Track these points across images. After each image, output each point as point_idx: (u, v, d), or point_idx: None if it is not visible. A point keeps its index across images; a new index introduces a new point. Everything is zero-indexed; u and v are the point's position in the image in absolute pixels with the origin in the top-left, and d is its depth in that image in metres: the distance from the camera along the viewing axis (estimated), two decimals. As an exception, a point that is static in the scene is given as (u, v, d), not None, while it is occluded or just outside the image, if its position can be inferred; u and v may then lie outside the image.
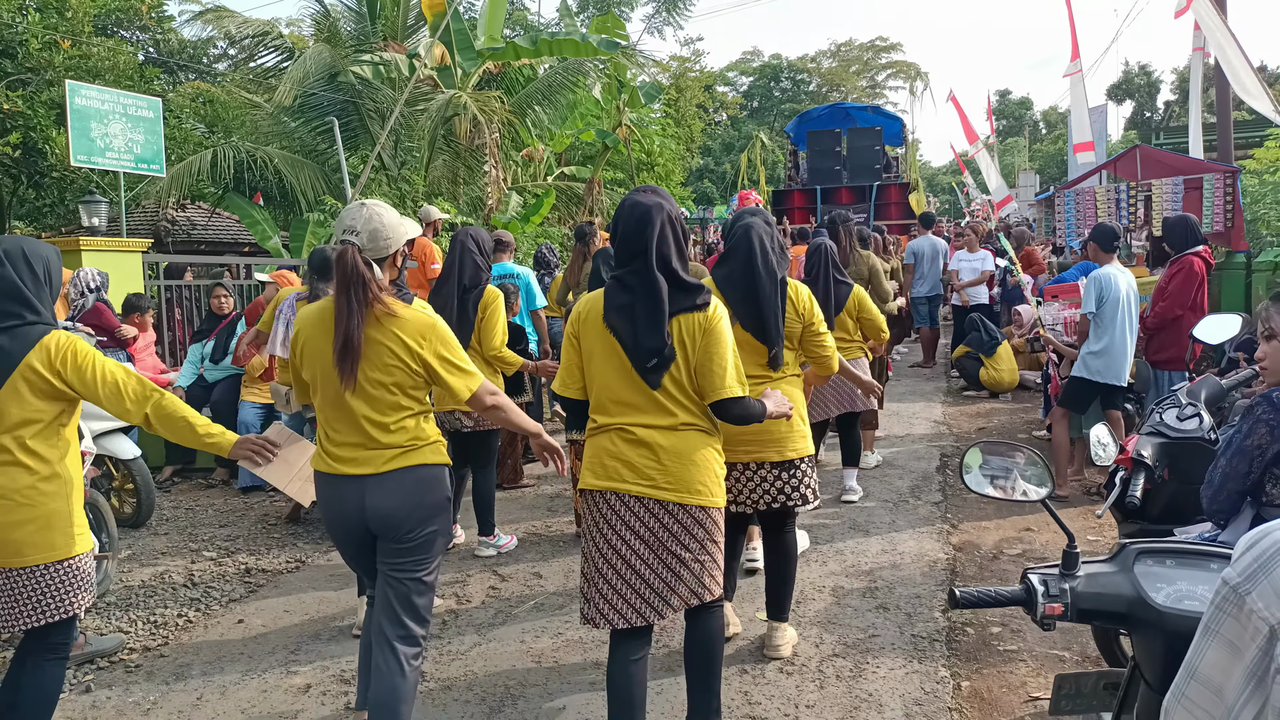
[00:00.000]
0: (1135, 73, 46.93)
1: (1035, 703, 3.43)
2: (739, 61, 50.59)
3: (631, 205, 2.90)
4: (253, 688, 3.78)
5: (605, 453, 2.84)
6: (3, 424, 2.84)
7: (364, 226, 2.81)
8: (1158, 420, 3.23)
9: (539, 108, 14.11)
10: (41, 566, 2.88)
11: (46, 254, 3.00)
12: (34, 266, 2.94)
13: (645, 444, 2.80)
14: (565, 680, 3.72)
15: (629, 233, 2.86)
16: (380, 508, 2.81)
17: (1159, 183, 9.79)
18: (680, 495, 2.80)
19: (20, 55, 12.60)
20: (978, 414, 8.90)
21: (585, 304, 2.95)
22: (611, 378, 2.84)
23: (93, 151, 8.70)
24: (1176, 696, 0.97)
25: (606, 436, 2.86)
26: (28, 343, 2.86)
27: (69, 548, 2.93)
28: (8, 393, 2.83)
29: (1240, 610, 0.88)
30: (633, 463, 2.80)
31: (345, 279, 2.74)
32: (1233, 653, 0.89)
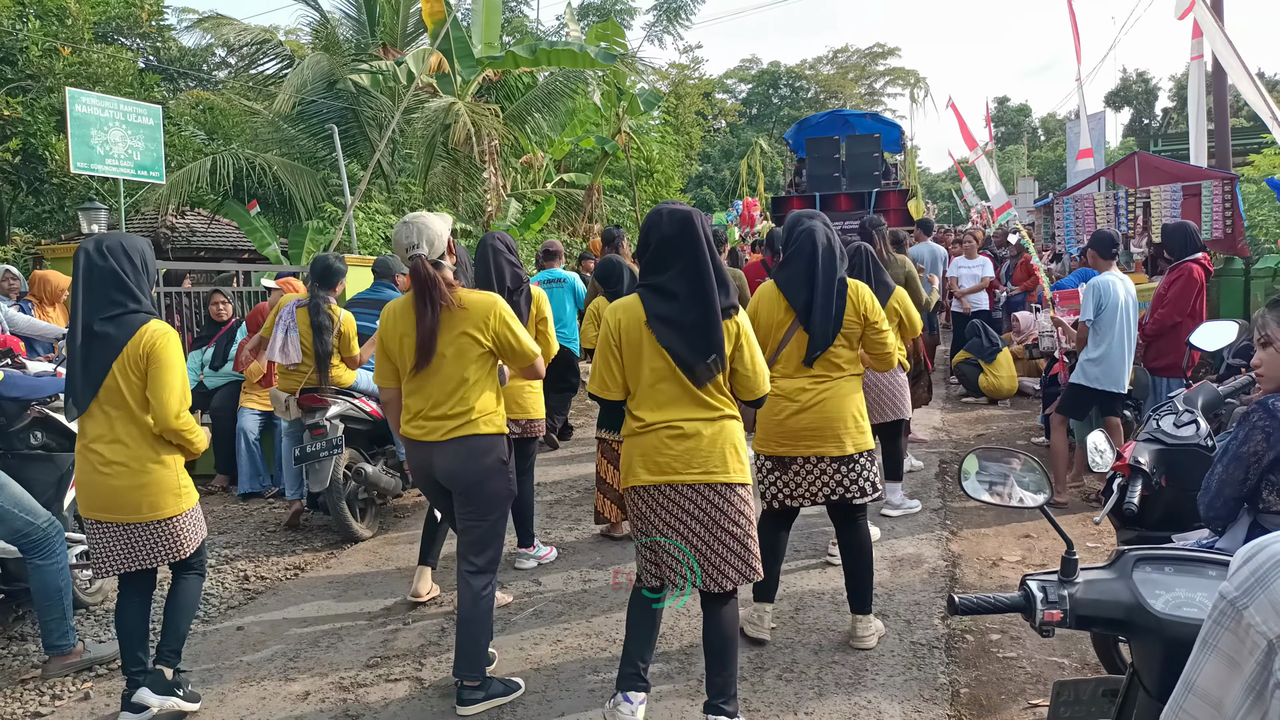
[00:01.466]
0: (1133, 80, 47.06)
1: (1034, 710, 3.43)
2: (738, 69, 50.72)
3: (670, 212, 3.15)
4: (251, 695, 3.77)
5: (656, 450, 3.09)
6: (115, 402, 3.28)
7: (420, 238, 3.44)
8: (1155, 427, 3.24)
9: (538, 115, 14.14)
10: (156, 522, 3.37)
11: (142, 245, 3.41)
12: (133, 258, 3.33)
13: (692, 436, 3.07)
14: (564, 688, 3.71)
15: (671, 238, 3.09)
16: (445, 469, 3.49)
17: (1158, 189, 9.81)
18: (727, 476, 3.09)
19: (20, 62, 12.64)
20: (976, 420, 8.90)
21: (622, 311, 3.16)
22: (656, 379, 3.10)
23: (92, 158, 8.71)
24: (1174, 710, 0.97)
25: (655, 435, 3.09)
26: (130, 330, 3.27)
27: (177, 506, 3.41)
28: (115, 374, 3.25)
29: (1238, 624, 0.88)
30: (682, 455, 3.07)
31: (422, 287, 3.40)
32: (1231, 667, 0.89)
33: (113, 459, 3.29)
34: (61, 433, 4.45)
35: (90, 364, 3.26)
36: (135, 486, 3.30)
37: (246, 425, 6.97)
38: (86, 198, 12.25)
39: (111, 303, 3.27)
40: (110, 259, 3.28)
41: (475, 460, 3.48)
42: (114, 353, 3.24)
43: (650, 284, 3.12)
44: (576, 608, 4.56)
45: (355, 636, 4.32)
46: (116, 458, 3.29)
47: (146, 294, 3.37)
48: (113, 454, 3.29)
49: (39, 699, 3.79)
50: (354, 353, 5.77)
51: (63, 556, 3.94)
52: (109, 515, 3.34)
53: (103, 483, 3.30)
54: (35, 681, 3.94)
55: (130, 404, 3.29)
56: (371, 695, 3.71)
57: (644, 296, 3.11)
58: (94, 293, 3.27)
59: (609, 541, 5.57)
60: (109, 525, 3.35)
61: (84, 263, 3.28)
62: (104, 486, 3.30)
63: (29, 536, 3.85)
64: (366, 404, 5.87)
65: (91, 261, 3.28)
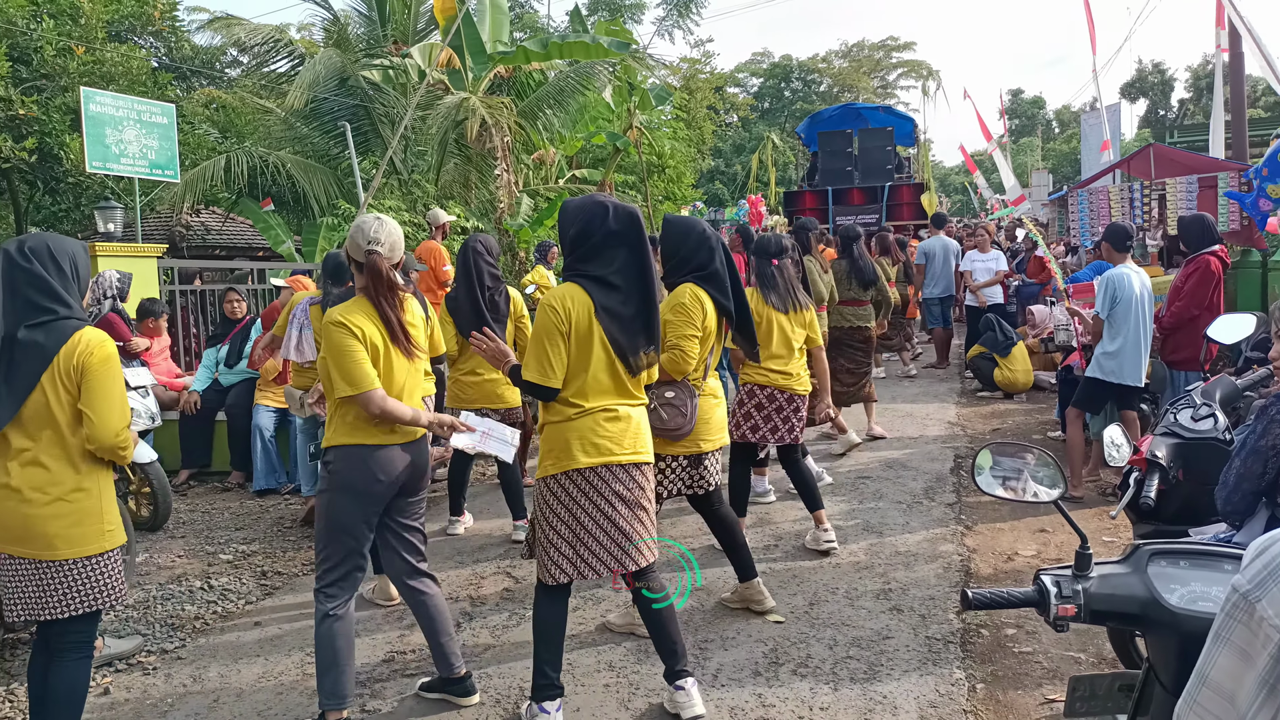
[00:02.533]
0: (1149, 71, 46.69)
1: (1051, 705, 3.42)
2: (749, 63, 50.59)
3: (617, 207, 3.27)
4: (269, 689, 3.80)
5: (592, 432, 3.18)
6: (40, 418, 2.89)
7: (384, 236, 3.29)
8: (1172, 421, 3.22)
9: (549, 111, 14.13)
10: (70, 561, 2.93)
11: (72, 249, 3.06)
12: (59, 261, 3.00)
13: (623, 419, 3.23)
14: (580, 683, 3.72)
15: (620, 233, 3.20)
16: (420, 467, 3.40)
17: (1173, 182, 9.74)
18: (648, 456, 3.32)
19: (35, 61, 12.71)
20: (992, 415, 8.87)
21: (571, 300, 3.16)
22: (598, 369, 3.19)
23: (107, 157, 8.77)
24: (1189, 703, 0.96)
25: (591, 418, 3.19)
26: (61, 338, 2.91)
27: (99, 543, 2.99)
28: (44, 387, 2.88)
29: (1251, 617, 0.88)
30: (615, 435, 3.20)
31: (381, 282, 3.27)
32: (1244, 660, 0.89)
33: (28, 483, 2.87)
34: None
35: (14, 376, 2.87)
36: (53, 516, 2.89)
37: (262, 422, 7.01)
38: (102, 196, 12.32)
39: (37, 309, 2.92)
40: (35, 262, 2.94)
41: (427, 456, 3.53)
42: (43, 364, 2.88)
43: (593, 275, 3.20)
44: (590, 602, 4.55)
45: (372, 632, 4.34)
46: (33, 481, 2.88)
47: (77, 300, 3.02)
48: (29, 478, 2.88)
49: None
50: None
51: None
52: (18, 548, 2.90)
53: (13, 509, 2.87)
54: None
55: (59, 421, 2.90)
56: (388, 690, 3.73)
57: (589, 288, 3.18)
58: (17, 297, 2.93)
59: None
60: (20, 561, 2.91)
61: (3, 265, 2.95)
62: (15, 514, 2.87)
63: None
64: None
65: (13, 263, 2.94)
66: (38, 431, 2.89)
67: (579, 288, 3.18)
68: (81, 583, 2.96)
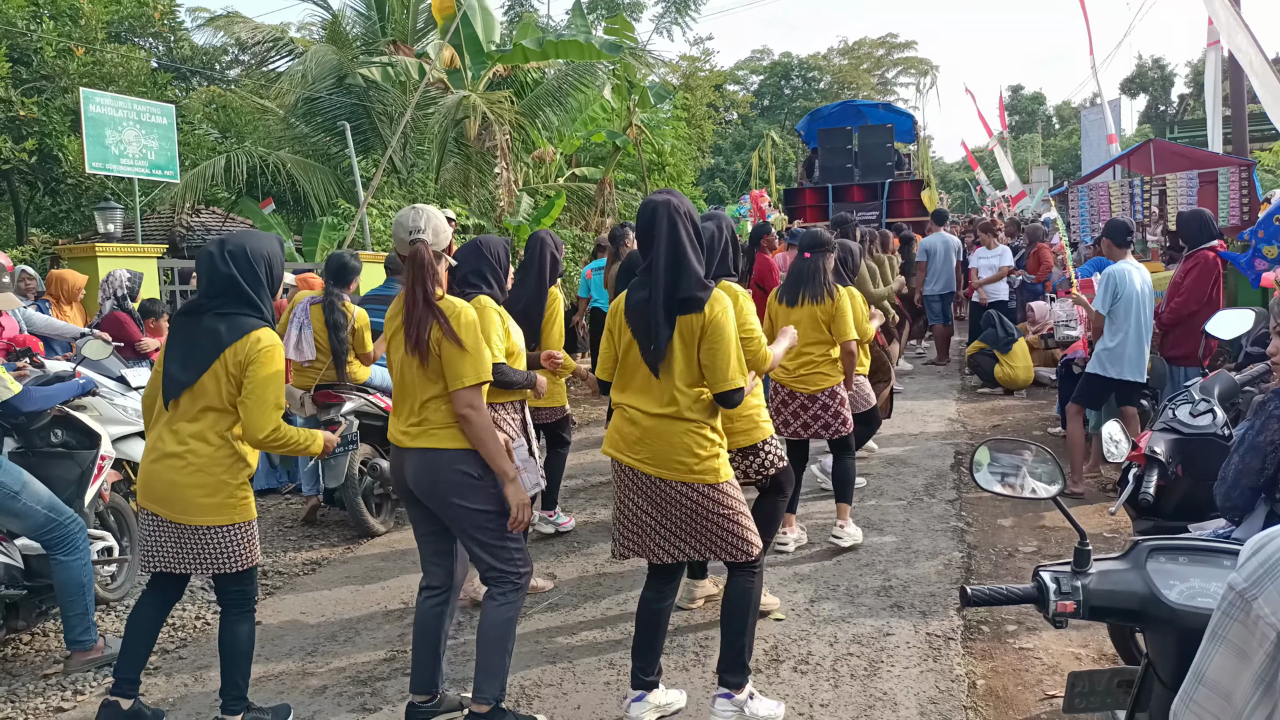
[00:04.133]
0: (1149, 66, 46.62)
1: (1051, 701, 3.42)
2: (748, 60, 50.53)
3: (645, 202, 3.26)
4: (269, 689, 3.81)
5: (615, 425, 3.29)
6: (201, 399, 3.17)
7: (426, 224, 3.19)
8: (1171, 416, 3.22)
9: (549, 110, 14.13)
10: (205, 528, 3.21)
11: (269, 251, 3.30)
12: (256, 266, 3.23)
13: (639, 425, 3.18)
14: (580, 679, 3.73)
15: (644, 228, 3.21)
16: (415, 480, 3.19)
17: (1173, 177, 9.72)
18: (658, 471, 3.17)
19: (35, 62, 12.72)
20: (992, 411, 8.87)
21: (620, 298, 3.31)
22: (634, 364, 3.21)
23: (107, 158, 8.77)
24: (1185, 702, 0.96)
25: (619, 411, 3.27)
26: (238, 333, 3.16)
27: (230, 516, 3.23)
28: (211, 373, 3.15)
29: (1247, 616, 0.88)
30: (630, 440, 3.21)
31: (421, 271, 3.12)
32: (1240, 658, 0.89)
33: (175, 450, 3.17)
34: (82, 431, 4.48)
35: (191, 357, 3.17)
36: (193, 485, 3.17)
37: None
38: (102, 197, 12.32)
39: (224, 303, 3.20)
40: (230, 264, 3.20)
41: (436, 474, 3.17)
42: (217, 350, 3.14)
43: (641, 270, 3.27)
44: (591, 600, 4.57)
45: (372, 630, 4.35)
46: (179, 449, 3.17)
47: (267, 303, 3.28)
48: (177, 446, 3.18)
49: (61, 694, 3.83)
50: (368, 349, 5.80)
51: (85, 553, 3.95)
52: (160, 509, 3.23)
53: (160, 474, 3.20)
54: (58, 676, 3.98)
55: (218, 404, 3.18)
56: (389, 689, 3.74)
57: (630, 286, 3.28)
58: (211, 291, 3.22)
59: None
60: (159, 520, 3.25)
61: (205, 265, 3.25)
62: (160, 478, 3.20)
63: (52, 533, 3.86)
64: (381, 400, 5.90)
65: (214, 265, 3.21)
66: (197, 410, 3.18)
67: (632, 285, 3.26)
68: (211, 547, 3.23)
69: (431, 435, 3.13)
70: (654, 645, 3.33)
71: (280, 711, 3.50)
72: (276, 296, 3.38)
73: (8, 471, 3.81)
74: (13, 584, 3.94)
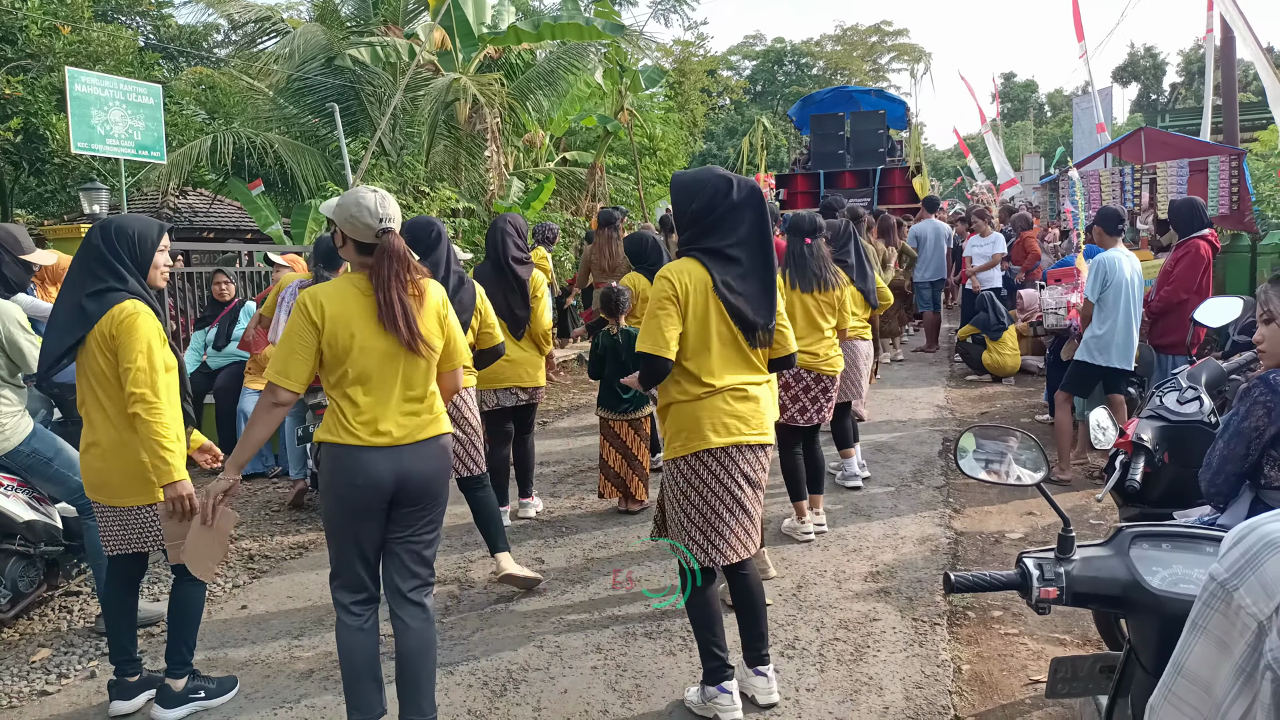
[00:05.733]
0: (1141, 55, 46.65)
1: (1035, 686, 3.44)
2: (741, 45, 50.36)
3: (740, 180, 3.18)
4: (256, 673, 3.80)
5: (723, 412, 3.13)
6: (89, 378, 3.25)
7: (396, 211, 2.94)
8: (1158, 404, 3.23)
9: (539, 93, 14.04)
10: (139, 508, 3.33)
11: (134, 230, 3.34)
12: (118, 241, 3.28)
13: (753, 398, 3.18)
14: (567, 665, 3.73)
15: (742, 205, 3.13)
16: (420, 474, 2.94)
17: (1164, 165, 9.74)
18: (772, 437, 3.28)
19: (20, 41, 12.58)
20: (980, 398, 8.89)
21: (687, 275, 3.11)
22: (720, 345, 3.14)
23: (93, 138, 8.68)
24: (1164, 693, 0.95)
25: (721, 397, 3.13)
26: (106, 306, 3.21)
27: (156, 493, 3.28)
28: (88, 350, 3.22)
29: (1228, 606, 0.87)
30: (744, 415, 3.16)
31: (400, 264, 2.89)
32: (1221, 649, 0.88)
33: (90, 440, 3.32)
34: None
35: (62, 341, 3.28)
36: (113, 471, 3.30)
37: (248, 406, 6.98)
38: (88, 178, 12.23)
39: (94, 279, 3.26)
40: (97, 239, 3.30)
41: (447, 461, 3.06)
42: (87, 327, 3.23)
43: (711, 249, 3.13)
44: (579, 585, 4.57)
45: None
46: (93, 438, 3.31)
47: (135, 276, 3.32)
48: (91, 435, 3.32)
49: (45, 677, 3.82)
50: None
51: None
52: (97, 497, 3.38)
53: (87, 464, 3.35)
54: (43, 661, 3.97)
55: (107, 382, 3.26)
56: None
57: (706, 262, 3.12)
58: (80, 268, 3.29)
59: (612, 519, 5.58)
60: (101, 506, 3.40)
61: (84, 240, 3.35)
62: (89, 469, 3.35)
63: (83, 498, 4.05)
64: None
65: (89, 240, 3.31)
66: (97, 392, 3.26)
67: (696, 262, 3.14)
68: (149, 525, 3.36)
69: (436, 424, 2.99)
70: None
71: (226, 683, 3.61)
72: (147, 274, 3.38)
73: (42, 439, 4.08)
74: (53, 542, 4.30)
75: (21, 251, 4.16)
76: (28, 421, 4.08)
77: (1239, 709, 0.86)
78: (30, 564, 4.28)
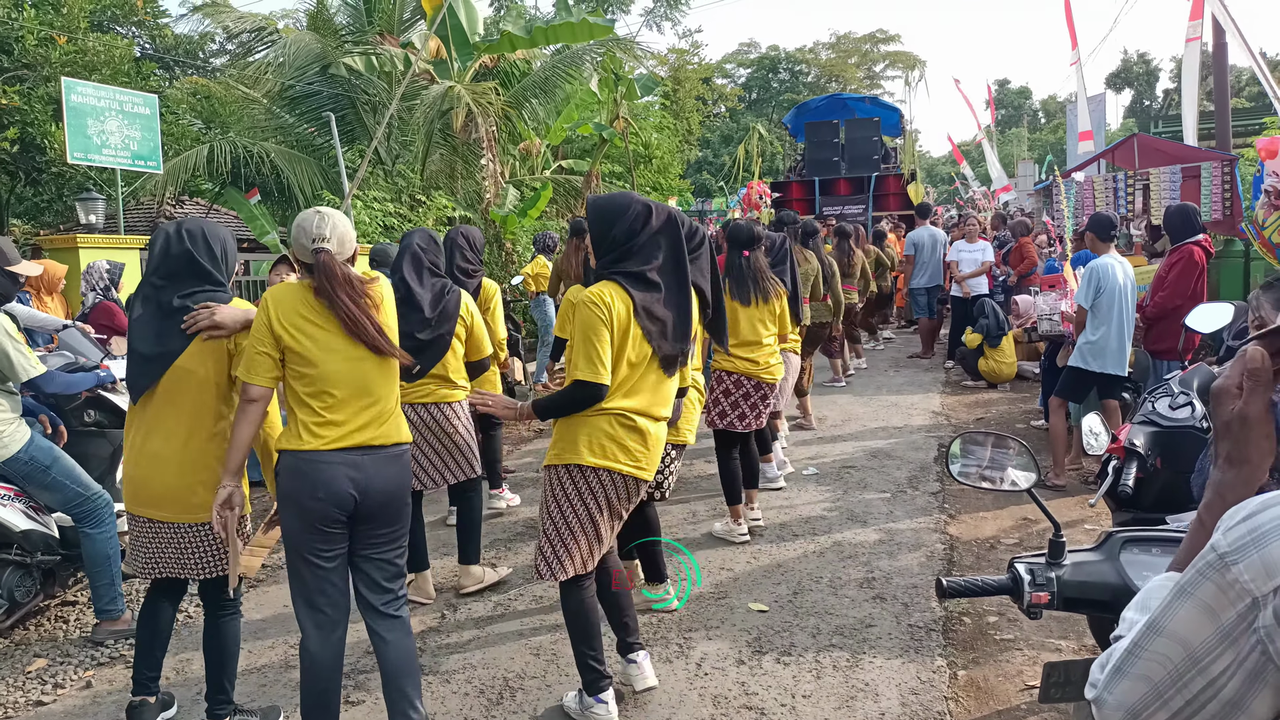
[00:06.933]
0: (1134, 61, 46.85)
1: (1030, 691, 3.45)
2: (736, 53, 50.48)
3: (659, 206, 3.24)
4: (252, 682, 3.80)
5: (603, 434, 3.10)
6: (185, 387, 3.05)
7: (331, 232, 2.91)
8: (1150, 409, 3.24)
9: (535, 101, 14.07)
10: (204, 525, 3.11)
11: (223, 235, 3.23)
12: (212, 245, 3.15)
13: (641, 431, 3.15)
14: (563, 673, 3.73)
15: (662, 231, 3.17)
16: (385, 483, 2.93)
17: (1156, 171, 9.78)
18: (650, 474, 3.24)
19: (16, 51, 12.59)
20: (976, 404, 8.91)
21: (613, 298, 3.08)
22: (629, 367, 3.11)
23: (89, 148, 8.69)
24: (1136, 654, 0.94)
25: (606, 419, 3.10)
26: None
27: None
28: (192, 354, 3.04)
29: (1223, 578, 0.87)
30: (628, 446, 3.13)
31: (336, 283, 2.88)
32: (1208, 614, 0.88)
33: (170, 448, 3.06)
34: (113, 411, 4.86)
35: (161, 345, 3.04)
36: (193, 483, 3.08)
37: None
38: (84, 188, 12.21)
39: (188, 283, 3.08)
40: (186, 242, 3.10)
41: (407, 471, 3.05)
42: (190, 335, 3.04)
43: (632, 273, 3.14)
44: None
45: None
46: (173, 446, 3.06)
47: (227, 279, 3.19)
48: (169, 443, 3.07)
49: (41, 688, 3.82)
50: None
51: (111, 526, 4.20)
52: (157, 512, 3.12)
53: (153, 475, 3.08)
54: (38, 671, 3.97)
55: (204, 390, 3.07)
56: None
57: (628, 286, 3.11)
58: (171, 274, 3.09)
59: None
60: (155, 524, 3.14)
61: (160, 244, 3.13)
62: (155, 480, 3.08)
63: (80, 507, 4.14)
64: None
65: (169, 244, 3.11)
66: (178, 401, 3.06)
67: (619, 286, 3.11)
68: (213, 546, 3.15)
69: (396, 431, 2.98)
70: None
71: (270, 713, 3.47)
72: (231, 280, 3.27)
73: (39, 447, 4.07)
74: (49, 551, 4.29)
75: (8, 263, 4.16)
76: (25, 430, 4.08)
77: (1220, 665, 0.87)
78: (27, 573, 4.27)
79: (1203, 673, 0.88)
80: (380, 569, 3.01)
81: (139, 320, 3.09)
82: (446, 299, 4.25)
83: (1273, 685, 0.85)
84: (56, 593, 4.62)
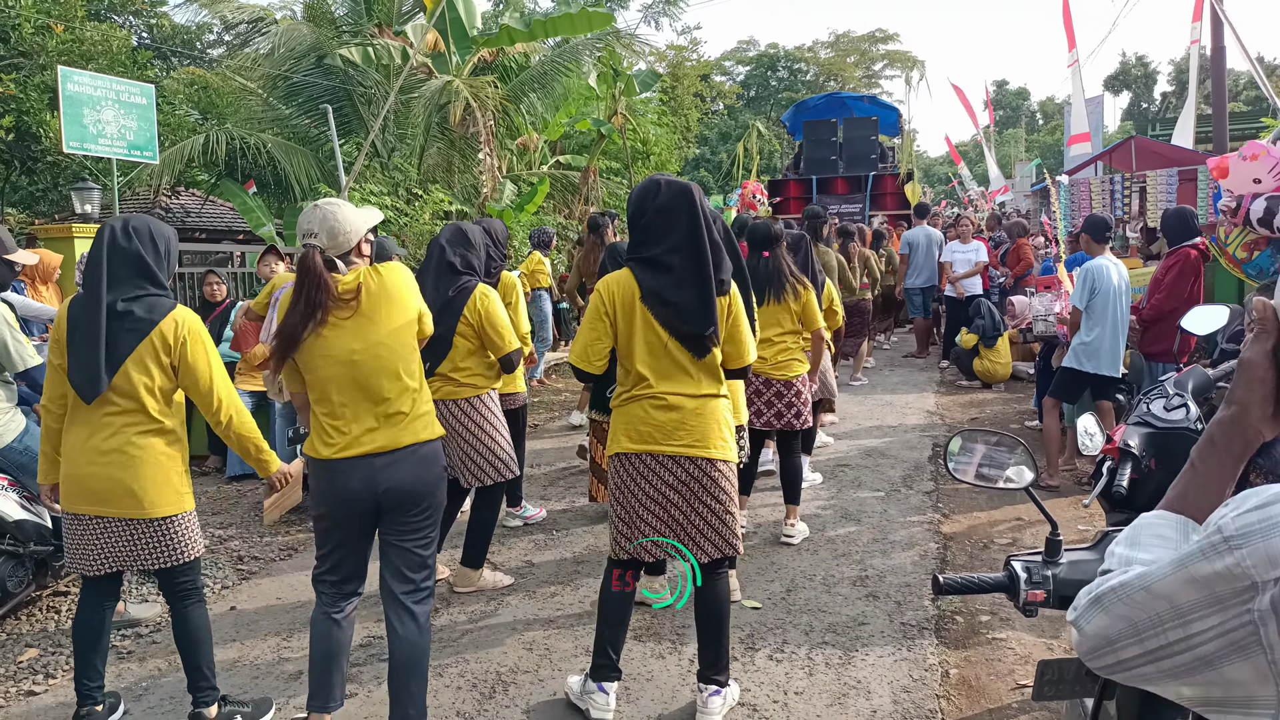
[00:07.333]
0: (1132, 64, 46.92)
1: (1022, 690, 3.46)
2: (734, 50, 50.45)
3: (667, 183, 3.14)
4: (244, 674, 3.79)
5: (637, 420, 3.12)
6: (132, 385, 3.07)
7: (320, 227, 2.92)
8: (1145, 410, 3.24)
9: (533, 96, 14.04)
10: (158, 520, 3.14)
11: (168, 233, 3.24)
12: (158, 244, 3.16)
13: (676, 409, 3.10)
14: (557, 667, 3.73)
15: (667, 209, 3.08)
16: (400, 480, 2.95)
17: (1153, 174, 9.80)
18: (707, 451, 3.12)
19: (13, 39, 12.55)
20: (970, 404, 8.92)
21: (615, 284, 3.13)
22: (649, 354, 3.10)
23: (85, 138, 8.64)
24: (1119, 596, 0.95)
25: (639, 405, 3.13)
26: (160, 312, 3.09)
27: (180, 505, 3.19)
28: (139, 357, 3.06)
29: (1225, 560, 0.86)
30: (665, 426, 3.10)
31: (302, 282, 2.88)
32: (1202, 586, 0.88)
33: (114, 445, 3.07)
34: None
35: (113, 346, 3.04)
36: (141, 479, 3.09)
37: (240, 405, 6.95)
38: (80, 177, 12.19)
39: (133, 285, 3.08)
40: (135, 240, 3.10)
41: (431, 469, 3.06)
42: (144, 333, 3.06)
43: (643, 257, 3.12)
44: (569, 588, 4.58)
45: (359, 621, 4.32)
46: (118, 443, 3.07)
47: (167, 279, 3.20)
48: (115, 440, 3.08)
49: (32, 678, 3.81)
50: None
51: None
52: (102, 508, 3.10)
53: (99, 473, 3.07)
54: (30, 661, 3.96)
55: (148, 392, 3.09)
56: (365, 674, 3.73)
57: (636, 271, 3.11)
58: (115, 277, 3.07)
59: (602, 521, 5.58)
60: (98, 520, 3.12)
61: (106, 243, 3.11)
62: (101, 476, 3.07)
63: None
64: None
65: (115, 242, 3.09)
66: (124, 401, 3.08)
67: (628, 272, 3.12)
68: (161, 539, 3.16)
69: (414, 431, 2.98)
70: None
71: (262, 705, 3.45)
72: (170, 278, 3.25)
73: (35, 437, 4.03)
74: (42, 541, 4.27)
75: (6, 251, 4.15)
76: (20, 419, 4.07)
77: (1203, 625, 0.87)
78: (19, 564, 4.26)
79: (1184, 625, 0.90)
80: (404, 557, 3.04)
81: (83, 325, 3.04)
82: (454, 297, 4.23)
83: (1253, 662, 0.85)
84: (49, 583, 4.60)
